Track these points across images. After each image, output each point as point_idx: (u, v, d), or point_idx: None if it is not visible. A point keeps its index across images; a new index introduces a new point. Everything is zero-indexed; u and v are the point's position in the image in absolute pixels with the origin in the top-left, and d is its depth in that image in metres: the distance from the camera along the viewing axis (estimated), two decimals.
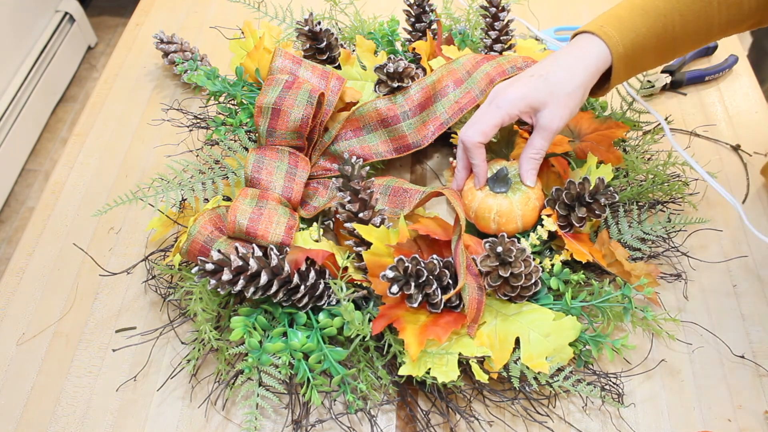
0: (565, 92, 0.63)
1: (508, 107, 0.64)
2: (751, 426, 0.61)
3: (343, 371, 0.60)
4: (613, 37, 0.62)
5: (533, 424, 0.61)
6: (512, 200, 0.66)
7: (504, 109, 0.64)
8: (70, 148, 0.88)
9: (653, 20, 0.63)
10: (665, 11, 0.62)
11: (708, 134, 0.85)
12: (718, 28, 0.65)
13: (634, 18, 0.63)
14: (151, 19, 1.07)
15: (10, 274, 0.75)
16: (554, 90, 0.63)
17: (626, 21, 0.63)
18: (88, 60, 2.28)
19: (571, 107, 0.63)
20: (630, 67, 0.65)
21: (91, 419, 0.63)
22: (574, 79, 0.63)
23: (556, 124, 0.63)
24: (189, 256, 0.65)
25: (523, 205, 0.66)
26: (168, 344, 0.68)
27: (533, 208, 0.66)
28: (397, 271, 0.57)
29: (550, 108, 0.63)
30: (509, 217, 0.66)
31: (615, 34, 0.62)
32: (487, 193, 0.67)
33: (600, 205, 0.64)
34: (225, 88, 0.83)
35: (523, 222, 0.66)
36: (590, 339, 0.62)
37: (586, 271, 0.68)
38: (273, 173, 0.71)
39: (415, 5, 0.86)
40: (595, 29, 0.63)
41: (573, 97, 0.63)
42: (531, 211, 0.66)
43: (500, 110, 0.64)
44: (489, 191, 0.67)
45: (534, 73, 0.65)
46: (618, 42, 0.62)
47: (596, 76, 0.64)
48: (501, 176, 0.67)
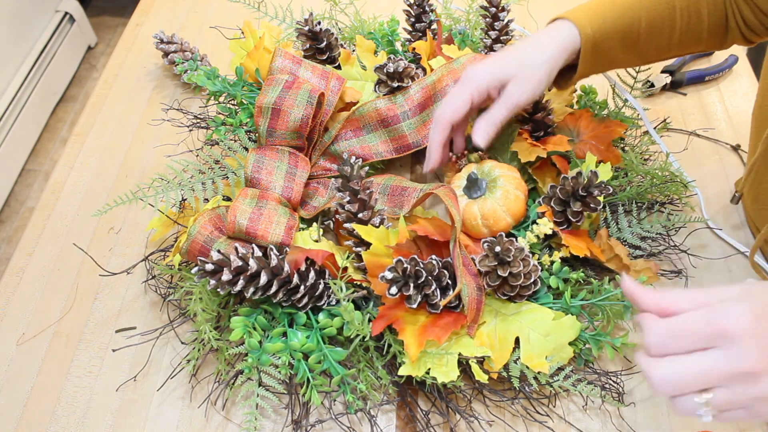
0: (530, 66, 0.65)
1: (477, 82, 0.66)
2: (751, 426, 0.61)
3: (342, 371, 0.60)
4: (581, 18, 0.66)
5: (533, 423, 0.61)
6: (493, 200, 0.66)
7: (473, 83, 0.66)
8: (70, 148, 0.88)
9: (621, 12, 0.66)
10: (632, 6, 0.66)
11: (708, 134, 0.85)
12: (678, 37, 0.68)
13: (604, 8, 0.67)
14: (151, 19, 1.07)
15: (10, 274, 0.75)
16: (521, 64, 0.66)
17: (595, 9, 0.67)
18: (88, 60, 2.28)
19: (535, 81, 0.65)
20: (597, 54, 0.67)
21: (91, 419, 0.64)
22: (541, 55, 0.65)
23: (518, 97, 0.66)
24: (189, 256, 0.65)
25: (506, 200, 0.66)
26: (168, 344, 0.68)
27: (517, 199, 0.66)
28: (396, 272, 0.57)
29: (515, 81, 0.66)
30: (496, 217, 0.66)
31: (583, 17, 0.66)
32: (467, 202, 0.67)
33: (594, 199, 0.64)
34: (225, 88, 0.83)
35: (512, 216, 0.66)
36: (590, 338, 0.62)
37: (585, 269, 0.68)
38: (273, 173, 0.71)
39: (415, 5, 0.86)
40: (566, 14, 0.67)
41: (539, 71, 0.65)
42: (515, 202, 0.66)
43: (469, 85, 0.66)
44: (468, 199, 0.67)
45: (504, 51, 0.68)
46: (586, 24, 0.65)
47: (563, 55, 0.66)
48: (472, 181, 0.67)
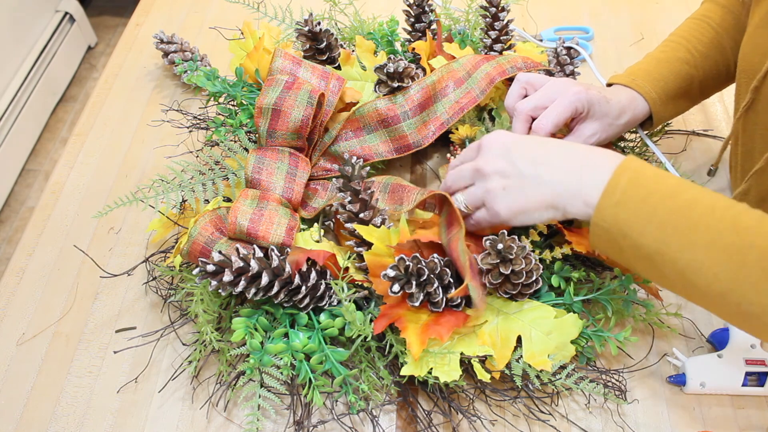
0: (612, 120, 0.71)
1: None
2: (751, 426, 0.61)
3: (344, 372, 0.60)
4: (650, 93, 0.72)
5: (535, 422, 0.61)
6: None
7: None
8: (70, 148, 0.88)
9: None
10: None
11: (708, 134, 0.85)
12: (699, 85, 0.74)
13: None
14: (151, 19, 1.07)
15: (10, 274, 0.75)
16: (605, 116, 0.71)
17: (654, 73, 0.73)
18: (88, 60, 2.28)
19: (608, 136, 0.72)
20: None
21: (91, 419, 0.63)
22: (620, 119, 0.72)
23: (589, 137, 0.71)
24: (190, 258, 0.65)
25: None
26: (168, 345, 0.68)
27: None
28: (398, 270, 0.57)
29: (593, 122, 0.69)
30: None
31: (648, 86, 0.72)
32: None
33: None
34: (225, 88, 0.82)
35: None
36: (592, 334, 0.62)
37: (587, 268, 0.68)
38: (273, 174, 0.71)
39: (415, 5, 0.86)
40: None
41: (615, 131, 0.72)
42: None
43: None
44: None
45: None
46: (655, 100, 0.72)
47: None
48: None
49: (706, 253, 0.48)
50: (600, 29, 1.01)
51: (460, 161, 0.63)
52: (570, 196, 0.54)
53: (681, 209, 0.49)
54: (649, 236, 0.50)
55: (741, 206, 0.49)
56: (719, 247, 0.47)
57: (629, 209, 0.51)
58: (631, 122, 0.70)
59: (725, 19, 0.73)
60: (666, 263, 0.50)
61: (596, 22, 1.02)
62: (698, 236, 0.48)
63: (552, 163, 0.56)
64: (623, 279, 0.63)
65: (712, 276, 0.48)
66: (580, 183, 0.54)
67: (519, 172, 0.56)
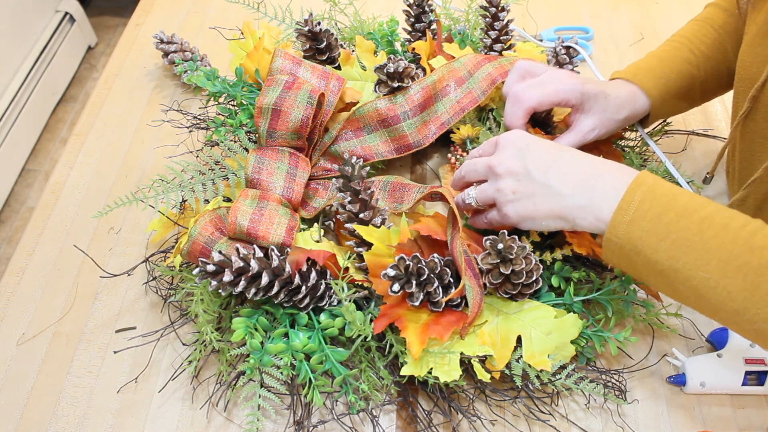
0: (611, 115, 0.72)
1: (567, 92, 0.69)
2: (751, 426, 0.61)
3: (344, 372, 0.60)
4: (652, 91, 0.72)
5: (535, 422, 0.61)
6: None
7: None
8: (70, 148, 0.88)
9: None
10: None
11: (708, 134, 0.85)
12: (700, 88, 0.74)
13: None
14: (151, 19, 1.07)
15: (10, 274, 0.75)
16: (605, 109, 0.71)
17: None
18: (88, 60, 2.28)
19: (608, 130, 0.72)
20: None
21: (91, 419, 0.63)
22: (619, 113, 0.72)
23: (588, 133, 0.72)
24: (190, 258, 0.65)
25: None
26: (168, 345, 0.68)
27: None
28: (399, 269, 0.57)
29: (591, 115, 0.70)
30: None
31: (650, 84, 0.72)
32: None
33: None
34: (225, 88, 0.82)
35: None
36: (592, 334, 0.62)
37: (587, 269, 0.68)
38: (273, 174, 0.71)
39: (415, 5, 0.86)
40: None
41: (614, 125, 0.72)
42: None
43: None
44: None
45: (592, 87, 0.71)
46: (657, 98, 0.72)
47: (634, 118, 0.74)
48: None
49: (720, 272, 0.48)
50: (600, 29, 1.01)
51: (478, 153, 0.63)
52: (580, 209, 0.54)
53: (695, 228, 0.49)
54: (663, 254, 0.50)
55: (755, 224, 0.49)
56: (733, 267, 0.48)
57: (643, 227, 0.51)
58: (630, 118, 0.70)
59: (728, 22, 0.73)
60: (679, 280, 0.50)
61: (596, 22, 1.02)
62: (712, 255, 0.48)
63: (564, 173, 0.56)
64: (623, 279, 0.63)
65: (726, 294, 0.48)
66: (591, 197, 0.54)
67: (530, 178, 0.57)
